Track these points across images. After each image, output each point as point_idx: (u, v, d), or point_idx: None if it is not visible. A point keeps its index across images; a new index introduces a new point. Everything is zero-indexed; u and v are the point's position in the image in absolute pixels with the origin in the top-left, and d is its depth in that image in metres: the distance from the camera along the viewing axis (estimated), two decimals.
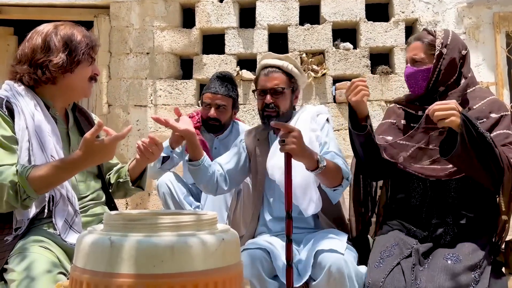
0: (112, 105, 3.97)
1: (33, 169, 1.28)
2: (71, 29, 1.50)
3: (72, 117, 1.61)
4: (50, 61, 1.43)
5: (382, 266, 1.45)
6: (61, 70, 1.44)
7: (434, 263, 1.41)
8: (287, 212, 1.45)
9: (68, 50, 1.45)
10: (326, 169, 1.58)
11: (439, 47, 1.60)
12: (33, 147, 1.36)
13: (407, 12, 3.89)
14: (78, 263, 0.93)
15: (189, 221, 0.95)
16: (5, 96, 1.41)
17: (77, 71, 1.49)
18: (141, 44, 3.99)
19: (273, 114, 1.83)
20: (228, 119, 2.51)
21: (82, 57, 1.47)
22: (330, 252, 1.46)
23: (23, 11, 4.15)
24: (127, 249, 0.87)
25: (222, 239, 0.94)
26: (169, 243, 0.87)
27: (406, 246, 1.52)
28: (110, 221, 0.97)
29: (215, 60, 3.95)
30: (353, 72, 3.86)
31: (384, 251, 1.51)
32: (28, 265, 1.21)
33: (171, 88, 3.94)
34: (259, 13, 3.95)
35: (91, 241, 0.91)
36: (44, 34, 1.46)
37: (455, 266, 1.37)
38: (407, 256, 1.48)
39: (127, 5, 4.03)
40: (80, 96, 1.58)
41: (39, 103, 1.45)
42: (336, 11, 3.92)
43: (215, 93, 2.43)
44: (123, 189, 1.72)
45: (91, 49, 1.51)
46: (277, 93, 1.83)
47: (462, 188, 1.57)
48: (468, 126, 1.37)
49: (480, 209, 1.56)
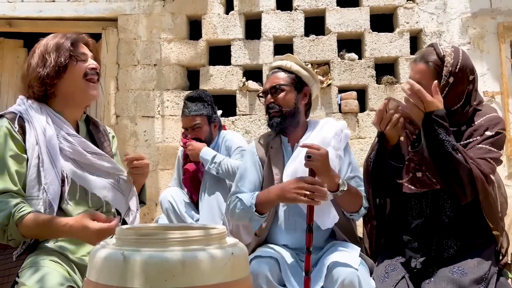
0: (120, 116, 4.02)
1: (27, 217, 1.29)
2: (47, 40, 1.51)
3: (85, 129, 1.62)
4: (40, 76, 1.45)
5: (388, 281, 1.46)
6: (47, 80, 1.45)
7: (440, 276, 1.41)
8: (308, 225, 1.47)
9: (45, 60, 1.46)
10: (346, 193, 1.60)
11: (446, 77, 1.51)
12: (44, 163, 1.38)
13: (412, 23, 3.92)
14: (91, 277, 0.95)
15: (199, 236, 0.97)
16: (18, 111, 1.45)
17: (66, 76, 1.48)
18: (149, 56, 4.05)
19: (276, 115, 1.79)
20: (208, 135, 2.56)
21: (60, 60, 1.46)
22: (344, 266, 1.46)
23: (32, 24, 4.22)
24: (139, 264, 0.89)
25: (231, 253, 0.96)
26: (181, 258, 0.90)
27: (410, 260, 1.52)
28: (123, 235, 0.99)
29: (222, 71, 3.99)
30: (358, 82, 3.89)
31: (389, 265, 1.52)
32: (40, 278, 1.22)
33: (178, 99, 3.99)
34: (265, 25, 4.00)
35: (104, 256, 0.94)
36: (31, 53, 1.51)
37: (462, 279, 1.37)
38: (412, 269, 1.48)
39: (134, 18, 4.10)
40: (84, 98, 1.54)
41: (52, 116, 1.47)
42: (341, 22, 3.96)
43: (186, 116, 2.53)
44: None
45: (66, 49, 1.48)
46: (276, 91, 1.80)
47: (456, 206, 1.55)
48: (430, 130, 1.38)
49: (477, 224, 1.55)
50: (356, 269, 1.46)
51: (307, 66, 1.91)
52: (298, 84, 1.84)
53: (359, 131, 3.85)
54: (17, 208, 1.31)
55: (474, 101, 1.57)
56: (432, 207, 1.58)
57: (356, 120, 3.87)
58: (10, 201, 1.32)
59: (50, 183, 1.38)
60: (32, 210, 1.32)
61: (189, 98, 2.57)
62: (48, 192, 1.37)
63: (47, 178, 1.38)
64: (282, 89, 1.80)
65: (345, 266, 1.46)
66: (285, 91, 1.80)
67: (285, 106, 1.79)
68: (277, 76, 1.83)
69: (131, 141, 3.98)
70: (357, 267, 1.47)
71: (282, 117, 1.79)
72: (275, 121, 1.80)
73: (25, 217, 1.29)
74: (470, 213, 1.54)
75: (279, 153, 1.82)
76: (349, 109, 3.86)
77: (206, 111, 2.53)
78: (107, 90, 4.05)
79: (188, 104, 2.55)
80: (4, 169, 1.35)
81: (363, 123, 3.85)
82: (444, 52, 1.54)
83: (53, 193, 1.38)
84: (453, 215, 1.55)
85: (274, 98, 1.80)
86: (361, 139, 3.84)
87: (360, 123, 3.86)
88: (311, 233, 1.47)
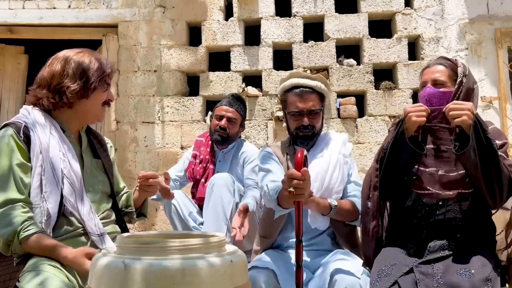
0: (120, 122, 4.04)
1: (31, 238, 1.33)
2: (89, 57, 1.56)
3: (86, 139, 1.66)
4: (68, 87, 1.49)
5: (378, 285, 1.48)
6: (77, 95, 1.52)
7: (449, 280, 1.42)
8: (296, 238, 1.47)
9: (86, 77, 1.52)
10: (338, 211, 1.70)
11: (461, 75, 1.65)
12: (45, 171, 1.42)
13: (410, 29, 3.95)
14: (92, 285, 0.97)
15: (198, 244, 0.99)
16: (24, 121, 1.47)
17: (92, 97, 1.55)
18: (149, 62, 4.08)
19: (309, 134, 1.87)
20: (235, 134, 2.65)
21: (98, 84, 1.54)
22: (347, 274, 1.49)
23: (33, 31, 4.25)
24: (140, 272, 0.91)
25: (231, 261, 0.98)
26: (180, 266, 0.92)
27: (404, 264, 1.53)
28: (123, 244, 1.01)
29: (221, 77, 4.02)
30: (357, 88, 3.91)
31: (382, 270, 1.53)
32: (41, 283, 1.23)
33: (178, 105, 4.01)
34: (264, 31, 4.03)
35: (105, 264, 0.96)
36: (64, 60, 1.53)
37: (471, 280, 1.39)
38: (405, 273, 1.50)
39: (135, 24, 4.13)
40: (94, 121, 1.65)
41: (56, 126, 1.52)
42: (339, 28, 3.99)
43: (228, 106, 2.64)
44: (127, 217, 1.78)
45: (107, 76, 1.57)
46: (314, 114, 1.86)
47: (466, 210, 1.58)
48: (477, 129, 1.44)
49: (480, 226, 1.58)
50: (359, 277, 1.49)
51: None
52: (323, 103, 1.92)
53: (358, 136, 3.87)
54: (23, 227, 1.34)
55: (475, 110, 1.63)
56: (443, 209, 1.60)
57: (355, 125, 3.89)
58: (18, 216, 1.35)
59: (49, 192, 1.41)
60: (37, 230, 1.35)
61: (235, 96, 2.75)
62: (48, 200, 1.40)
63: (47, 187, 1.41)
64: (317, 112, 1.87)
65: (347, 274, 1.49)
66: (319, 114, 1.89)
67: (318, 127, 1.89)
68: (312, 98, 1.86)
69: (131, 146, 4.00)
70: (360, 276, 1.50)
71: (312, 137, 1.88)
72: (307, 141, 1.88)
73: (30, 238, 1.33)
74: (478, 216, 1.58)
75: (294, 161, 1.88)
76: (348, 114, 3.89)
77: (243, 113, 2.70)
78: None
79: (233, 100, 2.69)
80: (11, 178, 1.38)
81: (361, 128, 3.88)
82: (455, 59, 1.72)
83: (52, 202, 1.41)
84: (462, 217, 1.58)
85: (310, 121, 1.86)
86: (360, 144, 3.86)
87: (359, 128, 3.88)
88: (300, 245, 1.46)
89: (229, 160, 2.65)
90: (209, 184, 2.43)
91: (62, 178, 1.45)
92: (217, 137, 2.58)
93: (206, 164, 2.64)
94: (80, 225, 1.48)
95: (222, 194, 2.34)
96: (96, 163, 1.64)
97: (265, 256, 1.70)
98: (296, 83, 1.87)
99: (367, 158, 3.80)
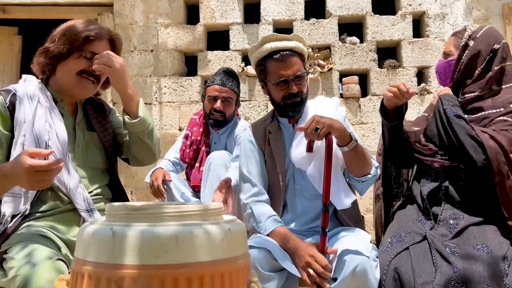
0: (117, 103, 3.94)
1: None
2: (76, 21, 1.50)
3: (82, 112, 1.59)
4: (48, 49, 1.45)
5: (390, 250, 1.43)
6: (55, 58, 1.45)
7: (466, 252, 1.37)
8: (324, 205, 1.41)
9: (64, 39, 1.45)
10: (358, 147, 1.53)
11: (465, 39, 1.62)
12: (27, 141, 1.35)
13: (414, 5, 3.83)
14: (79, 255, 0.89)
15: (194, 211, 0.91)
16: (14, 88, 1.44)
17: (63, 63, 1.47)
18: (145, 42, 3.97)
19: (298, 100, 1.67)
20: (231, 114, 2.46)
21: (71, 47, 1.44)
22: (356, 254, 1.40)
23: (26, 10, 4.14)
24: (130, 239, 0.83)
25: (229, 229, 0.90)
26: (174, 233, 0.83)
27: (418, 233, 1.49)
28: (112, 211, 0.93)
29: (220, 56, 3.91)
30: (360, 67, 3.81)
31: (394, 236, 1.49)
32: (29, 253, 1.19)
33: (176, 85, 3.91)
34: (264, 8, 3.91)
35: (92, 232, 0.88)
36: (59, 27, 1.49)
37: (489, 256, 1.34)
38: (417, 242, 1.44)
39: (130, 3, 4.01)
40: (72, 92, 1.51)
41: (47, 97, 1.46)
42: (342, 5, 3.87)
43: (222, 85, 2.40)
44: (134, 136, 1.57)
45: (86, 41, 1.45)
46: (300, 79, 1.67)
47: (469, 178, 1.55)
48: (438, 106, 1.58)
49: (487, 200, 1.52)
50: (368, 256, 1.40)
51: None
52: (305, 63, 1.75)
53: (361, 116, 3.77)
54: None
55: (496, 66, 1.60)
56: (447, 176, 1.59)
57: (358, 105, 3.79)
58: None
59: None
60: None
61: (228, 72, 2.47)
62: None
63: None
64: (303, 76, 1.69)
65: (356, 253, 1.40)
66: (305, 78, 1.70)
67: (306, 92, 1.71)
68: (295, 62, 1.66)
69: None
70: (369, 254, 1.41)
71: (301, 104, 1.70)
72: (298, 109, 1.70)
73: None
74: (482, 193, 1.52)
75: (279, 136, 1.74)
76: (351, 94, 3.79)
77: (237, 90, 2.47)
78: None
79: (225, 76, 2.44)
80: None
81: (365, 108, 3.78)
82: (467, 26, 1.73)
83: None
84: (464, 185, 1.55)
85: (298, 87, 1.67)
86: (363, 124, 3.77)
87: (362, 108, 3.79)
88: (327, 213, 1.41)
89: (224, 141, 2.50)
90: (206, 163, 2.31)
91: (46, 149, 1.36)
92: (213, 121, 2.40)
93: (197, 146, 2.47)
94: (69, 200, 1.41)
95: (220, 173, 2.22)
96: (91, 137, 1.56)
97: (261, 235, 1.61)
98: (274, 48, 1.65)
99: (370, 139, 3.71)
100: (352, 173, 1.61)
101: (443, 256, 1.36)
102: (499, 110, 1.54)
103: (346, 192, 1.61)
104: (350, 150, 1.52)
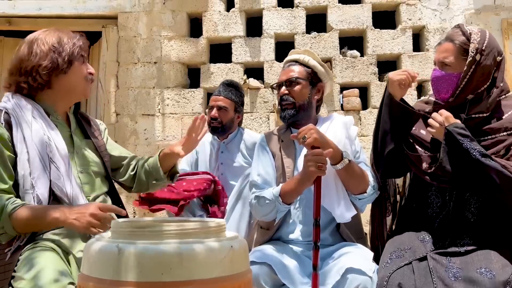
0: (120, 114, 3.99)
1: (20, 208, 1.30)
2: (56, 32, 1.50)
3: (75, 120, 1.62)
4: (40, 65, 1.43)
5: (389, 266, 1.42)
6: (52, 72, 1.45)
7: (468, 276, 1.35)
8: (315, 220, 1.45)
9: (57, 52, 1.45)
10: (351, 165, 1.58)
11: (472, 53, 1.46)
12: (31, 156, 1.37)
13: (414, 19, 3.88)
14: (85, 271, 0.92)
15: (196, 228, 0.94)
16: (4, 107, 1.43)
17: (71, 72, 1.49)
18: (149, 54, 4.02)
19: (289, 107, 1.79)
20: (229, 121, 2.54)
21: (73, 56, 1.47)
22: (359, 273, 1.43)
23: (32, 22, 4.19)
24: (135, 257, 0.86)
25: (231, 247, 0.93)
26: (178, 250, 0.86)
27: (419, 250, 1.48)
28: (118, 228, 0.96)
29: (222, 69, 3.96)
30: (360, 80, 3.85)
31: (395, 251, 1.48)
32: (36, 274, 1.20)
33: (179, 97, 3.95)
34: (266, 22, 3.97)
35: (98, 248, 0.90)
36: (30, 42, 1.47)
37: (493, 281, 1.33)
38: (419, 258, 1.43)
39: (135, 16, 4.07)
40: (79, 97, 1.58)
41: (39, 111, 1.46)
42: (342, 19, 3.92)
43: (217, 95, 2.57)
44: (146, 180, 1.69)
45: (80, 47, 1.50)
46: (291, 84, 1.80)
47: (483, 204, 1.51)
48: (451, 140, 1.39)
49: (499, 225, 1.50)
50: (371, 276, 1.43)
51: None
52: (313, 79, 1.84)
53: (362, 128, 3.80)
54: (9, 201, 1.31)
55: (500, 82, 1.51)
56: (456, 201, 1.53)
57: (358, 117, 3.83)
58: (2, 196, 1.33)
59: (37, 177, 1.37)
60: (24, 203, 1.33)
61: (227, 83, 2.65)
62: (36, 186, 1.36)
63: (34, 172, 1.37)
64: (297, 82, 1.80)
65: (360, 273, 1.43)
66: (300, 84, 1.80)
67: (299, 99, 1.80)
68: (293, 69, 1.83)
69: (131, 139, 3.94)
70: (372, 274, 1.44)
71: (295, 110, 1.80)
72: (288, 113, 1.81)
73: (19, 209, 1.29)
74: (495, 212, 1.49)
75: (291, 146, 1.82)
76: (351, 106, 3.82)
77: (236, 98, 2.59)
78: (107, 88, 4.02)
79: (223, 87, 2.61)
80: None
81: (365, 120, 3.81)
82: (470, 31, 1.52)
83: (42, 187, 1.37)
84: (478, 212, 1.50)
85: (288, 91, 1.80)
86: (364, 136, 3.80)
87: (363, 120, 3.82)
88: (318, 228, 1.45)
89: (232, 150, 2.57)
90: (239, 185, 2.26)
91: (49, 163, 1.40)
92: (211, 129, 2.51)
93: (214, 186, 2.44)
94: None
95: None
96: (87, 144, 1.59)
97: (263, 249, 1.64)
98: (285, 61, 1.91)
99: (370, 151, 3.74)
100: (348, 190, 1.66)
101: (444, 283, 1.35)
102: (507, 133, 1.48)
103: (347, 206, 1.64)
104: (342, 168, 1.59)
